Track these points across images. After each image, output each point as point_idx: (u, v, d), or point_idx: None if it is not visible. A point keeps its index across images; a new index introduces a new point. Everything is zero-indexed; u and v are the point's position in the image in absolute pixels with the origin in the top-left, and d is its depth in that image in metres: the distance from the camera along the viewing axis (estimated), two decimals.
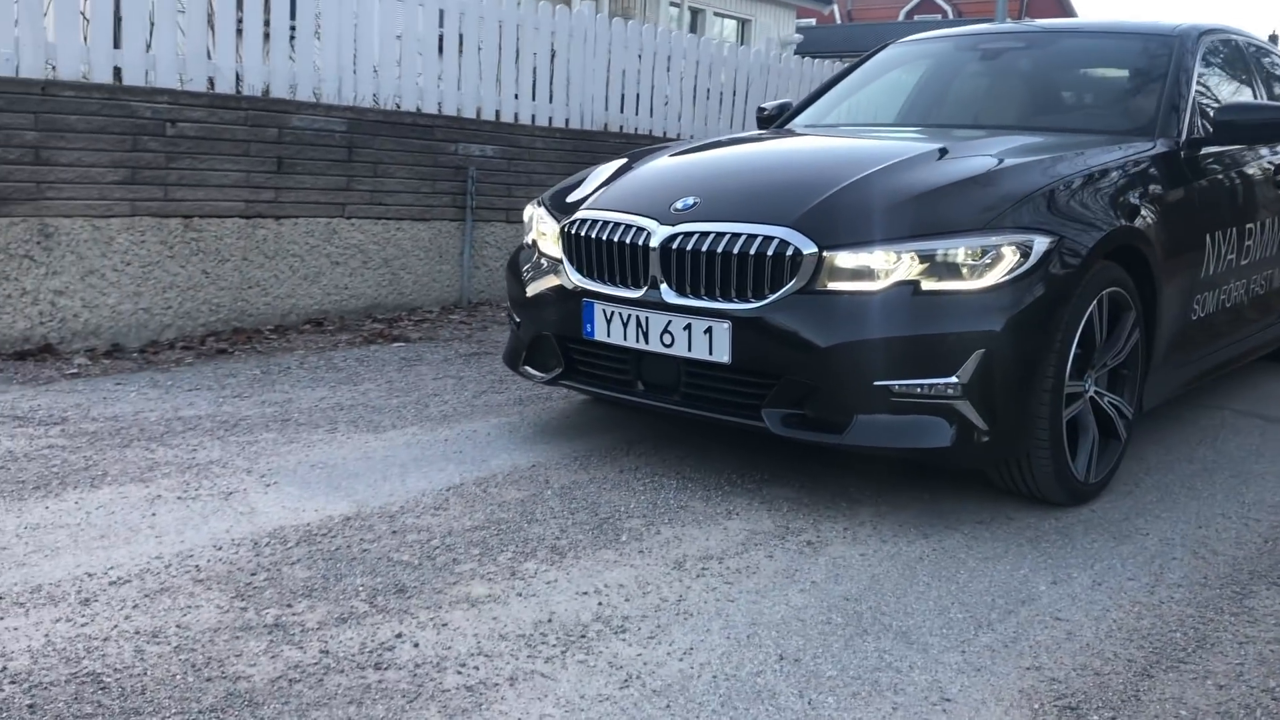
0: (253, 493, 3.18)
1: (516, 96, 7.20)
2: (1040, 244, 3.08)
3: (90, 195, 5.17)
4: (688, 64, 8.40)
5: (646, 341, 3.32)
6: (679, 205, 3.35)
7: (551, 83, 7.38)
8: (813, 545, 2.97)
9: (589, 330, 3.48)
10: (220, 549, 2.76)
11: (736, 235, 3.17)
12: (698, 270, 3.22)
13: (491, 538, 2.91)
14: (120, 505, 3.03)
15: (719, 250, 3.18)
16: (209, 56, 5.83)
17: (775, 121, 5.04)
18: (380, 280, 6.40)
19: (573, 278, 3.55)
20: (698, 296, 3.22)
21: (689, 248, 3.22)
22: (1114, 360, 3.47)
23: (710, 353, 3.20)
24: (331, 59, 6.20)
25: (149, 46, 5.62)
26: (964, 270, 3.02)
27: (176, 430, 3.78)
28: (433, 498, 3.20)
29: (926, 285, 3.02)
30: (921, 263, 3.02)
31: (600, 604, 2.54)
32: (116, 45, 5.47)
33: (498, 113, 7.09)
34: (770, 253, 3.11)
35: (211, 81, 5.75)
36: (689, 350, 3.24)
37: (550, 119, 7.43)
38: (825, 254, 3.07)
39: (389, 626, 2.38)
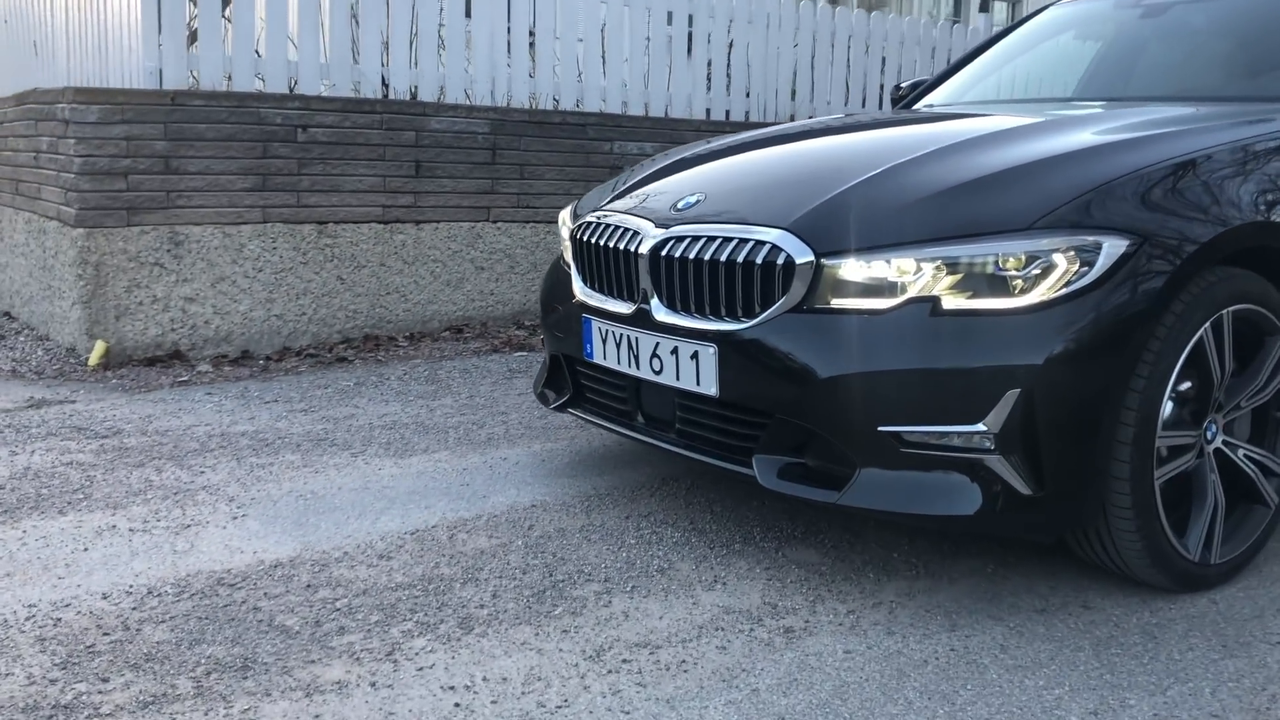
0: (211, 527, 2.90)
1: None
2: (1112, 247, 2.30)
3: (220, 203, 5.14)
4: (889, 46, 7.60)
5: (637, 366, 2.78)
6: (680, 204, 2.78)
7: (729, 72, 6.82)
8: (790, 634, 2.34)
9: (588, 351, 2.98)
10: (107, 597, 2.48)
11: (728, 240, 2.58)
12: (686, 282, 2.64)
13: (408, 600, 2.47)
14: (64, 537, 2.82)
15: (706, 258, 2.58)
16: (354, 61, 5.70)
17: (904, 102, 4.29)
18: (529, 285, 6.09)
19: (577, 289, 3.05)
20: (687, 313, 2.65)
21: (678, 255, 2.65)
22: (1252, 400, 2.58)
23: (698, 383, 2.62)
24: (483, 59, 5.94)
25: (293, 54, 5.54)
26: (1001, 283, 2.30)
27: (209, 449, 3.59)
28: (388, 543, 2.80)
29: (950, 303, 2.31)
30: (945, 273, 2.32)
31: (457, 705, 2.05)
32: (258, 54, 5.42)
33: (667, 108, 6.62)
34: (759, 261, 2.49)
35: (356, 87, 5.62)
36: (677, 379, 2.68)
37: (727, 112, 6.89)
38: (824, 263, 2.42)
39: (189, 719, 1.99)
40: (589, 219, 3.08)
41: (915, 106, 4.22)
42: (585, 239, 3.04)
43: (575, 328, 3.03)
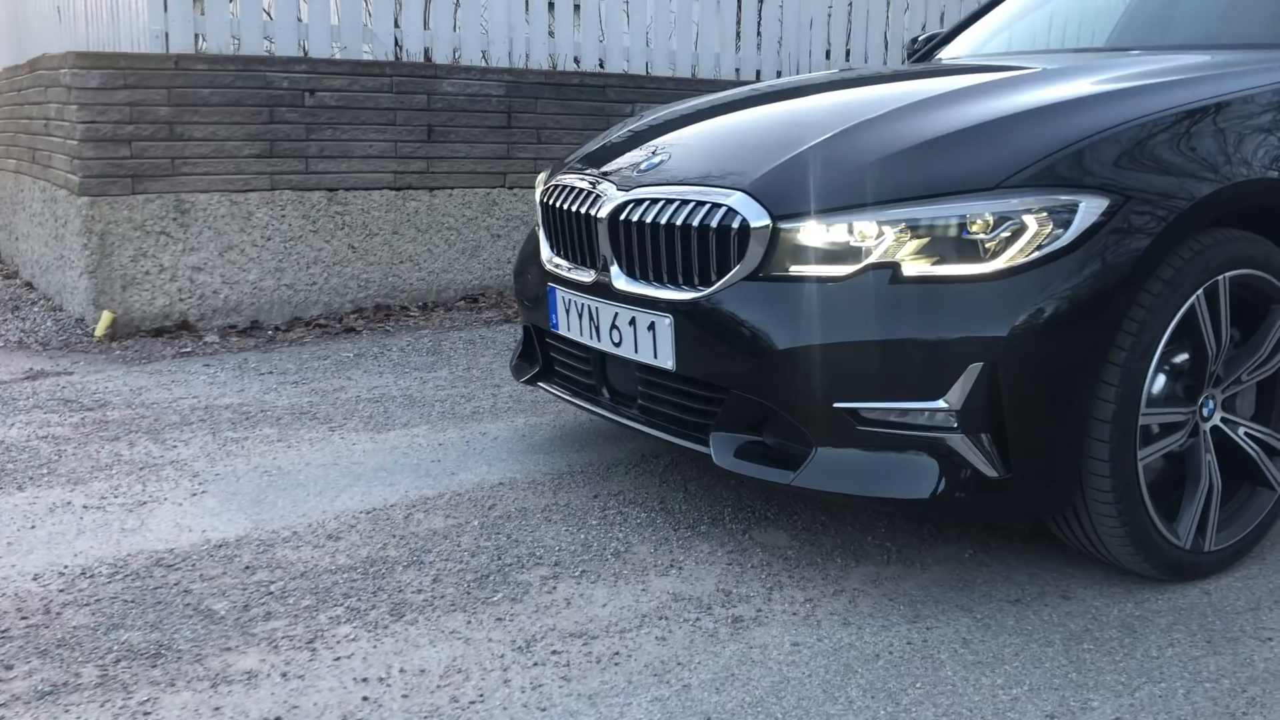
0: (167, 504, 2.81)
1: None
2: (1090, 207, 2.09)
3: (227, 170, 5.06)
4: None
5: (598, 338, 2.63)
6: (643, 165, 2.61)
7: (760, 29, 6.59)
8: (738, 624, 2.19)
9: (554, 322, 2.83)
10: (38, 578, 2.40)
11: (686, 202, 2.40)
12: (644, 248, 2.48)
13: (344, 584, 2.36)
14: (15, 514, 2.75)
15: (663, 222, 2.42)
16: (366, 23, 5.58)
17: (918, 55, 4.05)
18: None
19: (544, 256, 2.90)
20: (646, 281, 2.49)
21: (636, 219, 2.49)
22: (1254, 374, 2.36)
23: (655, 355, 2.47)
24: (500, 18, 5.78)
25: (301, 19, 5.44)
26: (969, 248, 2.11)
27: (189, 422, 3.51)
28: (341, 523, 2.69)
29: (911, 269, 2.13)
30: (909, 237, 2.13)
31: (365, 699, 1.93)
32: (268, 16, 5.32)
33: (694, 68, 6.41)
34: (714, 225, 2.32)
35: (369, 50, 5.50)
36: (635, 351, 2.52)
37: (758, 72, 6.66)
38: (781, 227, 2.25)
39: (83, 710, 1.90)
40: (555, 181, 2.93)
41: (935, 59, 3.98)
42: (550, 202, 2.89)
43: (543, 297, 2.88)
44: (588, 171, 2.82)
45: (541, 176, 3.24)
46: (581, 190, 2.76)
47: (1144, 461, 2.22)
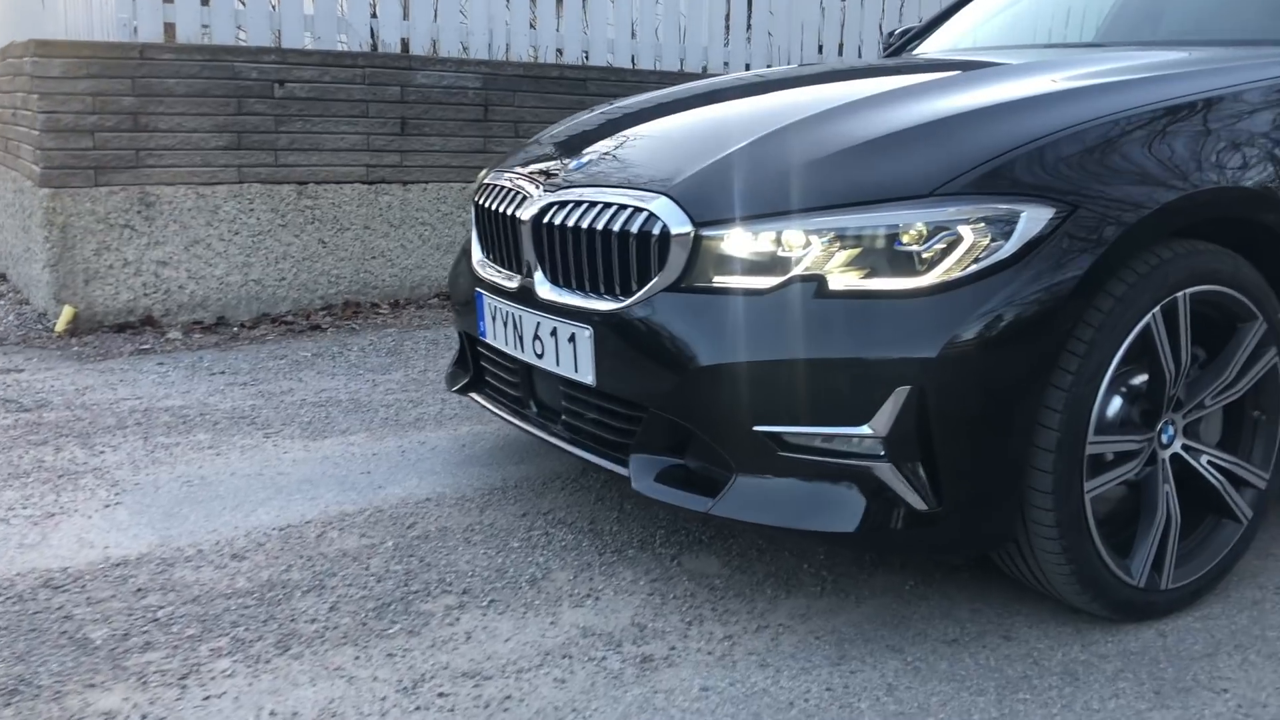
0: (76, 516, 2.67)
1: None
2: (1033, 217, 1.92)
3: (193, 162, 4.92)
4: None
5: (522, 348, 2.46)
6: (572, 165, 2.44)
7: (750, 21, 6.39)
8: (647, 664, 2.02)
9: (481, 329, 2.67)
10: None
11: (609, 205, 2.23)
12: (568, 253, 2.31)
13: (236, 611, 2.21)
14: None
15: (585, 226, 2.25)
16: (340, 13, 5.42)
17: (893, 50, 3.86)
18: None
19: (475, 259, 2.74)
20: (569, 289, 2.32)
21: (558, 222, 2.32)
22: (1219, 398, 2.17)
23: (576, 369, 2.30)
24: (480, 9, 5.61)
25: (274, 6, 5.29)
26: (902, 260, 1.93)
27: (125, 425, 3.37)
28: (250, 540, 2.54)
29: (838, 282, 1.95)
30: (836, 247, 1.95)
31: None
32: (240, 4, 5.17)
33: (681, 61, 6.23)
34: (635, 230, 2.15)
35: (343, 41, 5.35)
36: (557, 364, 2.35)
37: (748, 65, 6.47)
38: (704, 234, 2.07)
39: None
40: (489, 180, 2.76)
41: (907, 54, 3.78)
42: (481, 202, 2.72)
43: (472, 302, 2.72)
44: (520, 170, 2.65)
45: (481, 174, 3.07)
46: (510, 190, 2.59)
47: (1093, 493, 2.04)
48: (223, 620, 2.19)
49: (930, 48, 3.73)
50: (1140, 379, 2.14)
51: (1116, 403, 2.11)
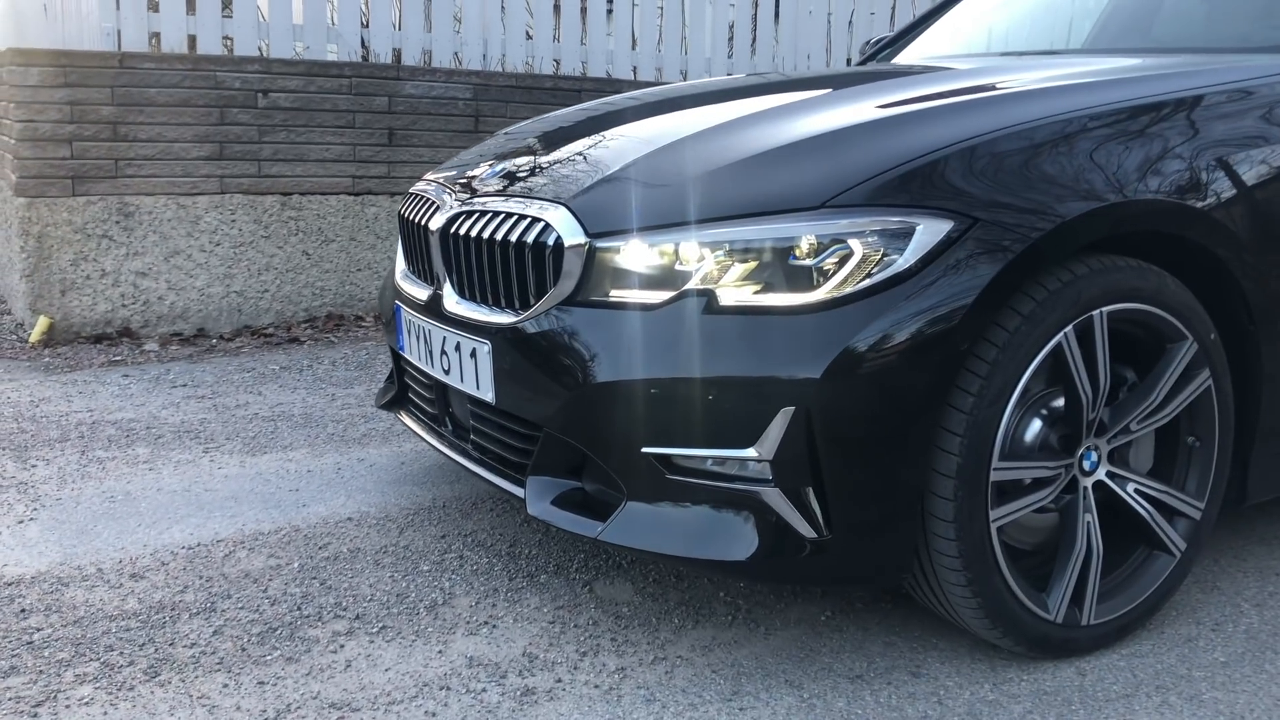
0: None
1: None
2: (929, 231, 1.79)
3: (173, 172, 4.88)
4: None
5: (431, 364, 2.36)
6: (486, 174, 2.35)
7: (755, 31, 6.28)
8: (528, 697, 1.91)
9: (400, 343, 2.57)
10: None
11: (509, 216, 2.13)
12: (472, 265, 2.22)
13: (115, 634, 2.13)
14: None
15: (486, 236, 2.15)
16: (331, 23, 5.38)
17: (866, 59, 3.73)
18: None
19: (397, 271, 2.65)
20: (473, 302, 2.22)
21: (463, 232, 2.22)
22: (1145, 423, 2.02)
23: (478, 385, 2.19)
24: (474, 19, 5.54)
25: (262, 15, 5.25)
26: (796, 276, 1.82)
27: (67, 438, 3.31)
28: (154, 559, 2.46)
29: (728, 298, 1.84)
30: (730, 261, 1.84)
31: None
32: (226, 14, 5.14)
33: (683, 72, 6.12)
34: (531, 241, 2.04)
35: (333, 51, 5.30)
36: (461, 380, 2.25)
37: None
38: (598, 246, 1.96)
39: None
40: (414, 189, 2.67)
41: (874, 63, 3.66)
42: (403, 212, 2.63)
43: (393, 315, 2.62)
44: (441, 179, 2.56)
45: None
46: (427, 199, 2.50)
47: (1000, 522, 1.91)
48: (98, 644, 2.11)
49: (906, 57, 3.60)
50: (1059, 401, 2.00)
51: (1035, 426, 1.98)
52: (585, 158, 2.27)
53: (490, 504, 2.82)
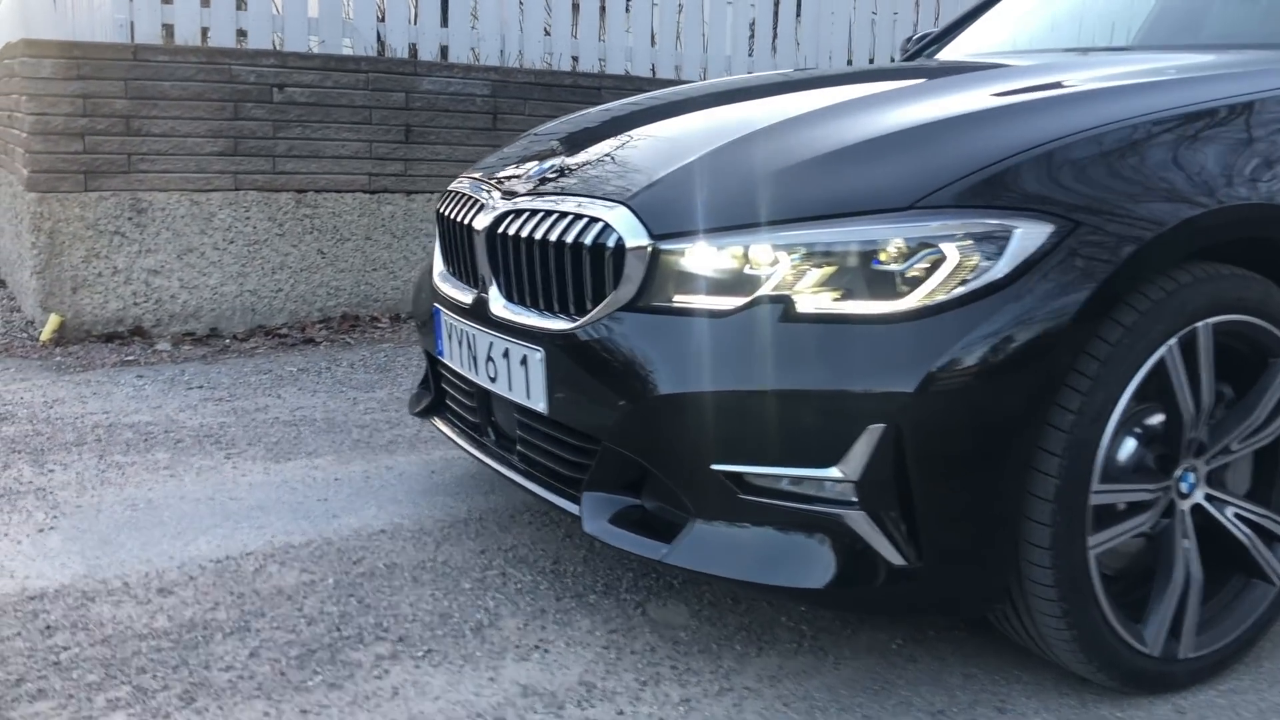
0: (3, 541, 2.50)
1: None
2: (1028, 235, 1.67)
3: (187, 168, 4.75)
4: None
5: (475, 371, 2.24)
6: (533, 171, 2.23)
7: (776, 29, 6.16)
8: None
9: (439, 348, 2.45)
10: None
11: (564, 215, 2.01)
12: (522, 267, 2.09)
13: (147, 654, 2.01)
14: None
15: (538, 237, 2.03)
16: (347, 17, 5.26)
17: (910, 55, 3.61)
18: None
19: (435, 272, 2.52)
20: (524, 306, 2.10)
21: (513, 232, 2.10)
22: (1246, 442, 1.91)
23: (528, 395, 2.07)
24: (491, 14, 5.42)
25: (276, 7, 5.13)
26: (879, 281, 1.69)
27: (84, 442, 3.19)
28: (182, 573, 2.34)
29: (807, 304, 1.72)
30: (806, 265, 1.72)
31: None
32: (240, 7, 5.01)
33: (703, 71, 6.01)
34: (589, 242, 1.92)
35: (349, 45, 5.18)
36: (510, 389, 2.13)
37: None
38: (663, 248, 1.84)
39: None
40: (454, 187, 2.55)
41: (921, 59, 3.54)
42: (443, 210, 2.51)
43: (431, 318, 2.50)
44: (484, 176, 2.44)
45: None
46: (470, 198, 2.38)
47: (1098, 549, 1.79)
48: (129, 665, 1.98)
49: (951, 54, 3.48)
50: (1157, 419, 1.88)
51: (1130, 445, 1.86)
52: (641, 154, 2.15)
53: (529, 516, 2.70)
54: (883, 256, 1.71)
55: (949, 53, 3.52)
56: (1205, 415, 1.87)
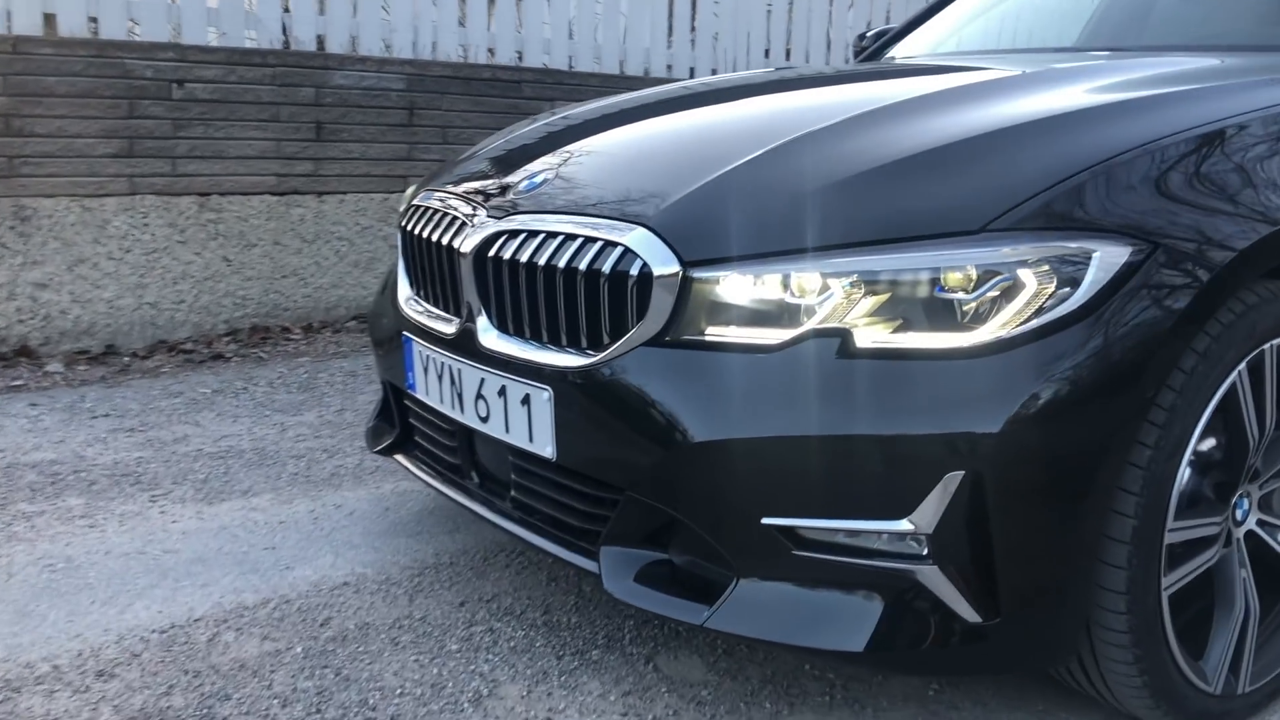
0: None
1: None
2: (1107, 257, 1.52)
3: (77, 171, 4.35)
4: None
5: (461, 409, 1.99)
6: (523, 184, 1.98)
7: (694, 23, 5.98)
8: None
9: (410, 381, 2.20)
10: None
11: (572, 237, 1.78)
12: (519, 294, 1.85)
13: None
14: None
15: (542, 262, 1.79)
16: (249, 7, 4.89)
17: (865, 55, 3.46)
18: None
19: (401, 296, 2.26)
20: (521, 338, 1.86)
21: (509, 255, 1.86)
22: None
23: (531, 438, 1.83)
24: (404, 4, 5.11)
25: None
26: (944, 310, 1.51)
27: None
28: (121, 649, 2.05)
29: (867, 338, 1.53)
30: (863, 294, 1.52)
31: None
32: None
33: (621, 64, 5.79)
34: (607, 270, 1.69)
35: (251, 37, 4.82)
36: (506, 431, 1.89)
37: (692, 70, 6.06)
38: (695, 276, 1.63)
39: None
40: (418, 202, 2.29)
41: (886, 59, 3.39)
42: (410, 228, 2.25)
43: (398, 348, 2.25)
44: (457, 190, 2.19)
45: (409, 192, 2.60)
46: (446, 215, 2.13)
47: (1170, 590, 1.65)
48: None
49: (908, 51, 3.34)
50: (1209, 445, 1.75)
51: (1187, 475, 1.72)
52: (653, 165, 1.94)
53: (504, 558, 2.47)
54: (950, 284, 1.53)
55: (906, 51, 3.39)
56: (1266, 439, 1.75)
